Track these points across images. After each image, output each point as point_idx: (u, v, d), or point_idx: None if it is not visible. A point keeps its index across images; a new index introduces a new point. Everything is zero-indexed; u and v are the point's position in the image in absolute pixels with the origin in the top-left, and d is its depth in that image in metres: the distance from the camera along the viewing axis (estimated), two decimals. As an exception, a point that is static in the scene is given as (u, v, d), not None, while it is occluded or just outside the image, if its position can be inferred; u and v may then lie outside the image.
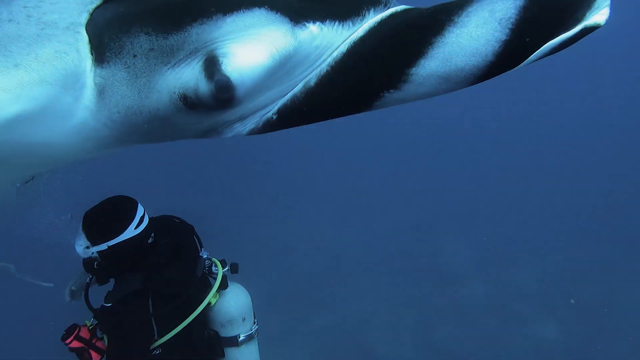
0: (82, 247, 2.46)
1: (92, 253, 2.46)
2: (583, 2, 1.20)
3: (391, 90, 1.41)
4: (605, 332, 6.85)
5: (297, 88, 1.51)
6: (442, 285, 7.97)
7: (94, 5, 1.48)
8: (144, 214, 2.54)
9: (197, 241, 2.85)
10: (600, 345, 6.62)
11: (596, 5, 1.20)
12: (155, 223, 2.65)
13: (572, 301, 7.33)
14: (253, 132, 1.60)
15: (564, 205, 10.20)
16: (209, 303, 2.69)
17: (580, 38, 1.20)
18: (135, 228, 2.47)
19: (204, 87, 1.44)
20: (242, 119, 1.59)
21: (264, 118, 1.57)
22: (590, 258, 8.38)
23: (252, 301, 2.92)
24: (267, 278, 8.01)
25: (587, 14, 1.19)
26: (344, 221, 9.91)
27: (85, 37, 1.45)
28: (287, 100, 1.53)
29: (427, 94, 1.42)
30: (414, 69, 1.36)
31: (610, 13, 1.16)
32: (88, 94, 1.47)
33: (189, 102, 1.47)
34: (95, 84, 1.46)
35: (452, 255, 8.76)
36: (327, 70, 1.47)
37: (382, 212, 10.21)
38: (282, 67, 1.46)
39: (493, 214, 9.98)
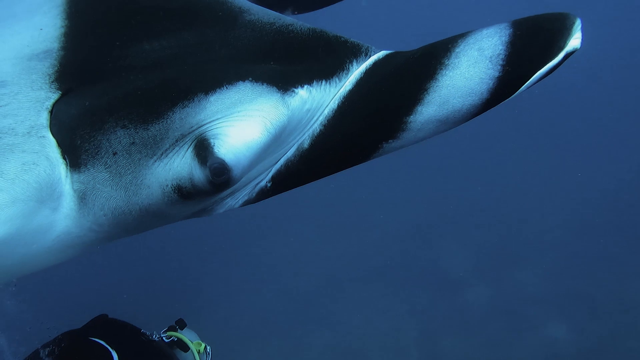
0: None
1: None
2: (562, 31, 1.28)
3: (389, 140, 1.39)
4: (620, 328, 6.69)
5: (290, 152, 1.46)
6: (444, 292, 7.79)
7: (51, 101, 1.37)
8: None
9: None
10: (615, 342, 6.44)
11: (573, 32, 1.28)
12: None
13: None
14: (246, 203, 1.55)
15: (565, 200, 10.04)
16: None
17: (562, 63, 1.30)
18: None
19: (198, 174, 1.35)
20: (233, 193, 1.52)
21: (258, 188, 1.52)
22: (596, 253, 8.24)
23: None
24: (262, 301, 7.85)
25: (567, 41, 1.28)
26: (335, 231, 9.63)
27: (52, 140, 1.34)
28: (281, 166, 1.48)
29: (425, 138, 1.42)
30: (411, 117, 1.35)
31: (582, 36, 1.28)
32: (67, 202, 1.36)
33: (185, 193, 1.38)
34: (75, 190, 1.35)
35: (452, 259, 8.58)
36: (320, 130, 1.43)
37: (375, 218, 9.94)
38: (277, 139, 1.40)
39: (491, 213, 9.79)
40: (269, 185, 1.51)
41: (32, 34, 1.49)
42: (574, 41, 1.28)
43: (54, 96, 1.38)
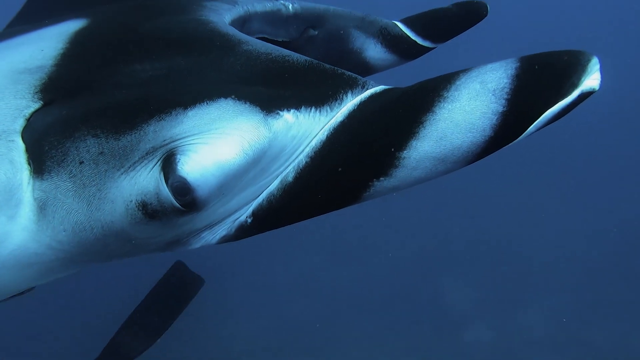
0: None
1: None
2: (576, 67, 1.17)
3: (381, 179, 1.27)
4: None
5: (274, 185, 1.36)
6: (444, 330, 7.62)
7: (31, 110, 1.36)
8: None
9: None
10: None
11: (588, 69, 1.16)
12: None
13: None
14: (225, 240, 1.46)
15: (574, 242, 9.90)
16: None
17: (579, 103, 1.16)
18: None
19: (164, 191, 1.26)
20: (211, 226, 1.43)
21: (237, 223, 1.42)
22: (603, 298, 8.09)
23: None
24: (257, 329, 7.71)
25: (582, 79, 1.15)
26: (336, 258, 9.56)
27: (20, 145, 1.31)
28: (263, 200, 1.37)
29: (422, 178, 1.29)
30: (405, 152, 1.24)
31: (601, 77, 1.16)
32: (26, 212, 1.31)
33: (149, 210, 1.29)
34: (35, 198, 1.30)
35: (454, 296, 8.43)
36: (306, 162, 1.33)
37: (378, 248, 9.86)
38: (256, 164, 1.30)
39: (497, 251, 9.68)
40: (249, 220, 1.40)
41: (32, 54, 1.54)
42: (592, 81, 1.15)
43: (35, 106, 1.37)
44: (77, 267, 1.48)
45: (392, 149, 1.25)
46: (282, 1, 2.12)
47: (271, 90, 1.36)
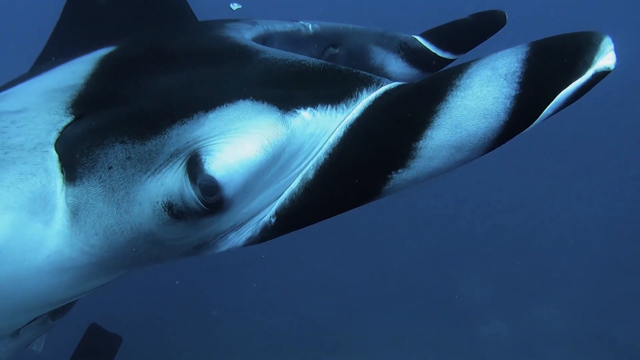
0: None
1: None
2: (589, 46, 1.15)
3: (400, 170, 1.28)
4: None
5: (295, 183, 1.39)
6: (460, 325, 7.57)
7: (64, 124, 1.45)
8: None
9: None
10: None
11: (601, 49, 1.14)
12: None
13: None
14: (250, 242, 1.48)
15: (592, 234, 9.78)
16: None
17: (594, 85, 1.14)
18: None
19: (189, 191, 1.31)
20: (236, 227, 1.46)
21: (262, 223, 1.44)
22: (621, 291, 7.98)
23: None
24: (273, 325, 7.72)
25: (596, 59, 1.14)
26: (350, 257, 9.51)
27: (54, 155, 1.39)
28: (285, 200, 1.40)
29: (441, 168, 1.29)
30: (420, 142, 1.25)
31: (616, 56, 1.14)
32: (60, 217, 1.36)
33: (175, 211, 1.33)
34: (68, 204, 1.36)
35: (469, 290, 8.37)
36: (325, 159, 1.36)
37: (392, 245, 9.81)
38: (275, 161, 1.33)
39: (513, 244, 9.56)
40: (273, 220, 1.43)
41: (64, 76, 1.67)
42: (606, 60, 1.14)
43: (67, 120, 1.47)
44: (110, 274, 1.52)
45: (408, 140, 1.26)
46: (302, 22, 2.19)
47: (288, 91, 1.41)
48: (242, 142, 1.30)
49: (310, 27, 2.20)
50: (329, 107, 1.37)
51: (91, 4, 2.40)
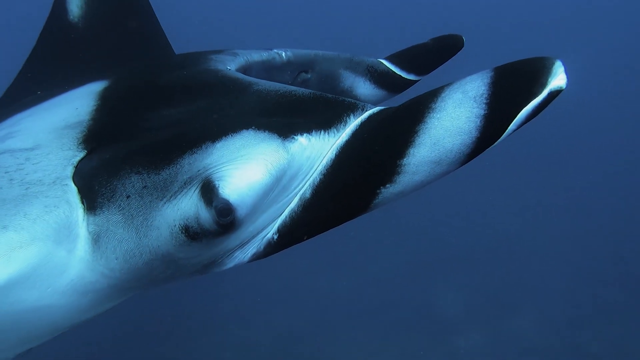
0: None
1: None
2: (543, 70, 1.33)
3: (387, 185, 1.44)
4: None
5: (294, 203, 1.53)
6: (436, 337, 7.56)
7: (77, 158, 1.58)
8: None
9: None
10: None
11: (554, 71, 1.33)
12: None
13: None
14: (255, 258, 1.61)
15: (566, 244, 9.84)
16: None
17: (549, 102, 1.33)
18: None
19: (204, 214, 1.43)
20: (242, 245, 1.58)
21: (265, 240, 1.58)
22: (598, 302, 8.02)
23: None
24: (248, 337, 7.63)
25: (550, 80, 1.32)
26: (327, 269, 9.46)
27: (73, 188, 1.50)
28: (286, 217, 1.54)
29: (423, 181, 1.45)
30: (405, 159, 1.41)
31: (567, 77, 1.33)
32: (82, 245, 1.47)
33: (191, 233, 1.45)
34: (89, 232, 1.47)
35: (447, 302, 8.37)
36: (320, 179, 1.50)
37: (367, 256, 9.80)
38: (278, 182, 1.47)
39: (488, 255, 9.62)
40: (275, 237, 1.56)
41: (68, 113, 1.80)
42: (559, 81, 1.32)
43: (80, 154, 1.60)
44: (124, 295, 1.63)
45: (393, 158, 1.42)
46: (275, 50, 2.36)
47: (285, 119, 1.56)
48: (250, 168, 1.44)
49: (283, 54, 2.36)
50: (322, 132, 1.52)
51: (68, 27, 2.53)
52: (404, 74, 2.45)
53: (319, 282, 9.06)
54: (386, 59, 2.50)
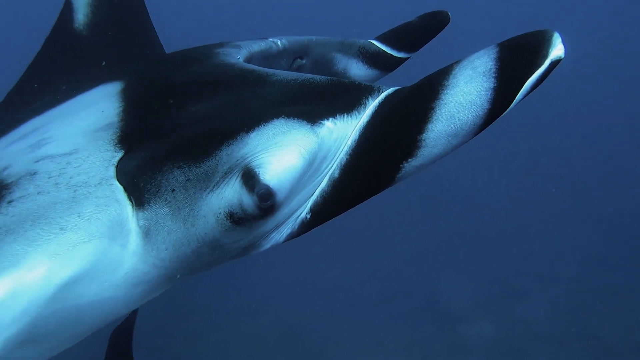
0: None
1: None
2: (544, 42, 1.45)
3: (409, 159, 1.55)
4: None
5: (324, 183, 1.63)
6: (444, 326, 7.55)
7: (117, 158, 1.67)
8: None
9: None
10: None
11: (553, 43, 1.45)
12: None
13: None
14: (289, 237, 1.70)
15: (574, 229, 9.79)
16: None
17: (551, 71, 1.46)
18: None
19: (247, 200, 1.52)
20: (277, 226, 1.67)
21: (299, 220, 1.67)
22: (606, 286, 7.99)
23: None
24: (255, 331, 7.65)
25: (550, 51, 1.44)
26: (334, 258, 9.49)
27: (119, 186, 1.59)
28: (317, 197, 1.64)
29: (441, 154, 1.56)
30: (424, 134, 1.52)
31: (565, 47, 1.44)
32: (134, 239, 1.56)
33: (236, 218, 1.55)
34: (140, 227, 1.56)
35: (455, 291, 8.35)
36: (347, 159, 1.61)
37: (374, 247, 9.79)
38: (311, 165, 1.58)
39: (495, 242, 9.57)
40: (308, 216, 1.66)
41: (96, 116, 1.89)
42: (558, 51, 1.45)
43: (118, 155, 1.68)
44: (170, 283, 1.72)
45: (413, 134, 1.53)
46: (271, 39, 2.46)
47: (309, 106, 1.67)
48: (285, 153, 1.54)
49: (279, 42, 2.46)
50: (345, 115, 1.63)
51: (74, 34, 2.70)
52: (394, 53, 2.57)
53: (325, 274, 9.06)
54: (376, 39, 2.60)
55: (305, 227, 1.69)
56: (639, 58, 19.66)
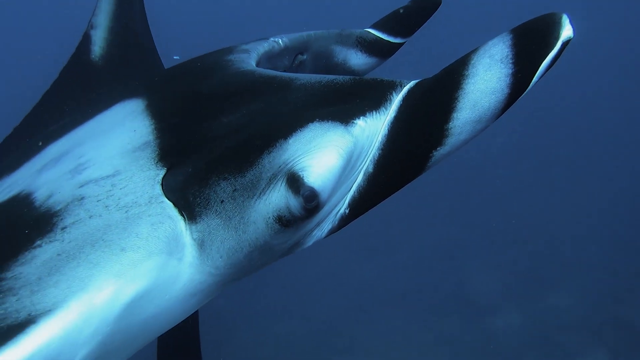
0: None
1: None
2: (554, 25, 1.53)
3: (438, 148, 1.62)
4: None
5: (359, 178, 1.70)
6: (472, 318, 7.48)
7: (161, 176, 1.71)
8: None
9: None
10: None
11: (563, 24, 1.52)
12: None
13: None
14: (330, 232, 1.77)
15: (603, 216, 9.61)
16: None
17: (562, 51, 1.54)
18: None
19: (293, 202, 1.59)
20: (319, 223, 1.73)
21: (338, 215, 1.74)
22: (637, 273, 7.81)
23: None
24: (282, 328, 7.69)
25: (561, 32, 1.51)
26: (361, 254, 9.46)
27: (169, 203, 1.64)
28: (354, 193, 1.71)
29: (467, 139, 1.64)
30: (450, 123, 1.60)
31: (573, 27, 1.52)
32: (190, 251, 1.62)
33: (284, 221, 1.61)
34: (194, 239, 1.62)
35: (480, 282, 8.27)
36: (379, 154, 1.68)
37: (402, 241, 9.75)
38: (348, 163, 1.64)
39: (523, 230, 9.43)
40: (347, 211, 1.73)
41: (129, 135, 1.91)
42: (567, 32, 1.52)
43: (162, 172, 1.72)
44: (222, 289, 1.77)
45: (440, 124, 1.60)
46: (272, 38, 2.50)
47: (338, 107, 1.72)
48: (325, 155, 1.61)
49: (280, 41, 2.50)
50: (374, 112, 1.69)
51: (90, 63, 2.91)
52: (391, 39, 2.64)
53: (352, 271, 9.06)
54: (372, 27, 2.67)
55: (345, 221, 1.75)
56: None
